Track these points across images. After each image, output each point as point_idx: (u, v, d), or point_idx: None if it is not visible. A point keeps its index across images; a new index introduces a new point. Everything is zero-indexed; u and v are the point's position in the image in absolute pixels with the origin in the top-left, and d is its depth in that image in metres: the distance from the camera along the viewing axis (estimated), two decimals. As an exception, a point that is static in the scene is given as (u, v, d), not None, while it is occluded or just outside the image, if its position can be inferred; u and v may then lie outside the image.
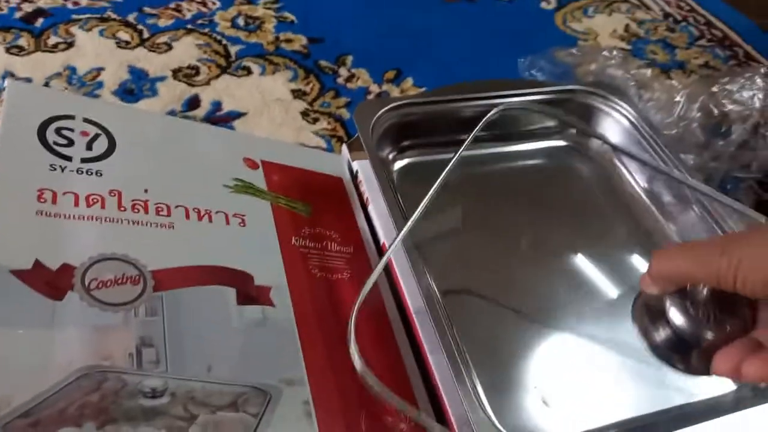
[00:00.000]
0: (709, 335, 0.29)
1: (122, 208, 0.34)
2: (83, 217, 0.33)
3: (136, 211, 0.35)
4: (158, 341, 0.30)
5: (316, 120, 0.58)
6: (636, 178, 0.45)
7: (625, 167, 0.45)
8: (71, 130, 0.37)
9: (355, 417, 0.33)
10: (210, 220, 0.37)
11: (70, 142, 0.36)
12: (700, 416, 0.32)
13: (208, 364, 0.31)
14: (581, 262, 0.41)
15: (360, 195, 0.46)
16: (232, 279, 0.35)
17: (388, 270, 0.41)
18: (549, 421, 0.33)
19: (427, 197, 0.35)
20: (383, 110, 0.40)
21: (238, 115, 0.57)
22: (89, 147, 0.36)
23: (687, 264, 0.27)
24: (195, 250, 0.35)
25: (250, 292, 0.35)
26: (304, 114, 0.58)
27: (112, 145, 0.37)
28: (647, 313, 0.32)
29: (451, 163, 0.37)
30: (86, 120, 0.38)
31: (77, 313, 0.29)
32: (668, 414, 0.33)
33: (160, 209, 0.36)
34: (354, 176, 0.47)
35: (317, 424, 0.31)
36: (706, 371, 0.28)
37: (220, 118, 0.56)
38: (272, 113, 0.58)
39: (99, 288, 0.31)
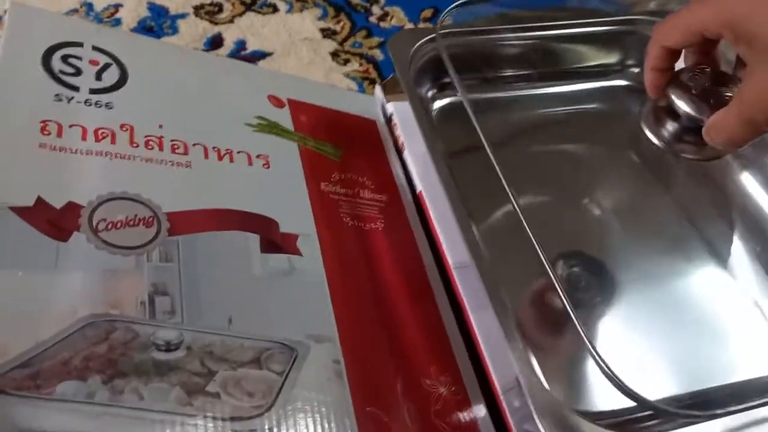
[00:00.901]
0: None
1: (135, 144, 0.31)
2: (91, 152, 0.30)
3: (149, 147, 0.31)
4: (173, 289, 0.27)
5: (347, 61, 0.53)
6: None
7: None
8: (79, 58, 0.33)
9: (391, 380, 0.29)
10: (231, 160, 0.34)
11: (78, 71, 0.33)
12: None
13: (228, 316, 0.28)
14: (642, 218, 0.36)
15: (395, 139, 0.42)
16: (255, 225, 0.31)
17: (425, 221, 0.37)
18: (604, 390, 0.29)
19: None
20: (422, 41, 0.36)
21: (264, 55, 0.53)
22: (99, 77, 0.33)
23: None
24: (214, 192, 0.32)
25: (274, 240, 0.31)
26: (334, 54, 0.54)
27: (124, 76, 0.34)
28: (655, 113, 0.33)
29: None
30: (96, 48, 0.34)
31: (83, 256, 0.26)
32: (728, 389, 0.29)
33: (176, 147, 0.32)
34: (388, 119, 0.42)
35: (349, 386, 0.28)
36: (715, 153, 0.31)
37: (245, 58, 0.52)
38: (300, 53, 0.53)
39: (108, 229, 0.27)
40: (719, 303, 0.34)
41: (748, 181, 0.38)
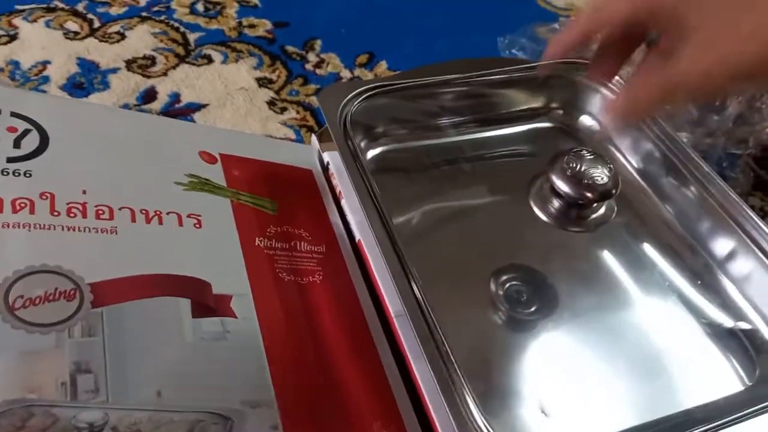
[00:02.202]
0: (588, 193, 0.35)
1: (55, 213, 0.30)
2: (8, 225, 0.29)
3: (72, 215, 0.30)
4: (97, 365, 0.26)
5: (284, 109, 0.53)
6: (629, 159, 0.41)
7: (617, 147, 0.42)
8: (-4, 126, 0.32)
9: (332, 440, 0.29)
10: (160, 222, 0.33)
11: (-6, 140, 0.32)
12: (708, 420, 0.28)
13: (157, 389, 0.26)
14: (578, 255, 0.37)
15: (332, 188, 0.41)
16: (186, 288, 0.31)
17: (365, 270, 0.37)
18: (549, 427, 0.30)
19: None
20: (351, 95, 0.36)
21: (199, 106, 0.52)
22: (17, 144, 0.32)
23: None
24: (142, 257, 0.31)
25: (207, 303, 0.31)
26: (271, 103, 0.54)
27: (44, 142, 0.33)
28: (540, 192, 0.38)
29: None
30: (14, 114, 0.33)
31: (-2, 338, 0.25)
32: (672, 420, 0.30)
33: (100, 212, 0.31)
34: (325, 168, 0.42)
35: (288, 452, 0.27)
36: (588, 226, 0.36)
37: (179, 111, 0.52)
38: (236, 104, 0.53)
39: (26, 306, 0.26)
40: (656, 321, 0.34)
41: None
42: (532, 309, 0.35)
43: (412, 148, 0.41)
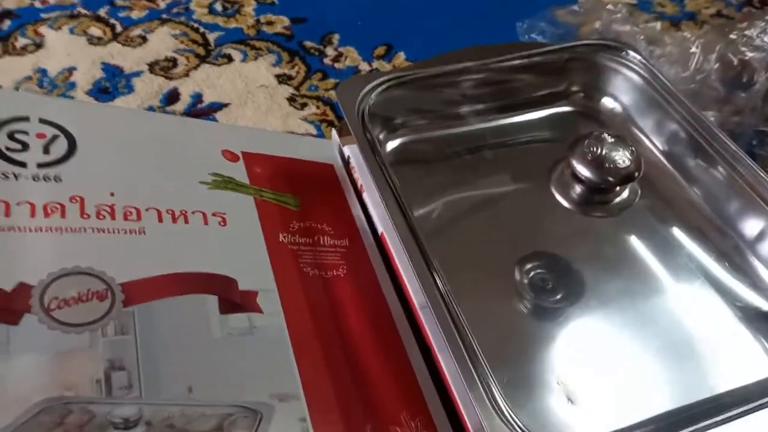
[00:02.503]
0: (610, 177, 0.35)
1: (85, 216, 0.31)
2: (41, 229, 0.29)
3: (101, 217, 0.31)
4: (130, 363, 0.27)
5: (304, 105, 0.54)
6: (654, 141, 0.40)
7: (640, 129, 0.41)
8: (26, 132, 0.33)
9: (360, 431, 0.29)
10: (186, 222, 0.33)
11: (25, 146, 0.33)
12: (739, 404, 0.28)
13: (188, 385, 0.27)
14: (603, 241, 0.37)
15: (354, 182, 0.42)
16: (213, 285, 0.31)
17: (389, 263, 0.37)
18: (576, 421, 0.30)
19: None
20: (368, 87, 0.36)
21: (221, 106, 0.53)
22: (46, 150, 0.33)
23: None
24: (169, 256, 0.31)
25: (234, 299, 0.31)
26: (291, 99, 0.54)
27: (72, 147, 0.34)
28: (561, 178, 0.38)
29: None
30: (42, 121, 0.34)
31: (35, 339, 0.26)
32: (704, 405, 0.29)
33: (128, 213, 0.32)
34: (346, 162, 0.43)
35: (317, 443, 0.28)
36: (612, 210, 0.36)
37: (202, 111, 0.53)
38: (257, 101, 0.54)
39: (60, 307, 0.27)
40: (687, 309, 0.34)
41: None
42: (558, 296, 0.35)
43: (431, 137, 0.41)
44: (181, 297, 0.30)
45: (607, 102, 0.42)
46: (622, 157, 0.34)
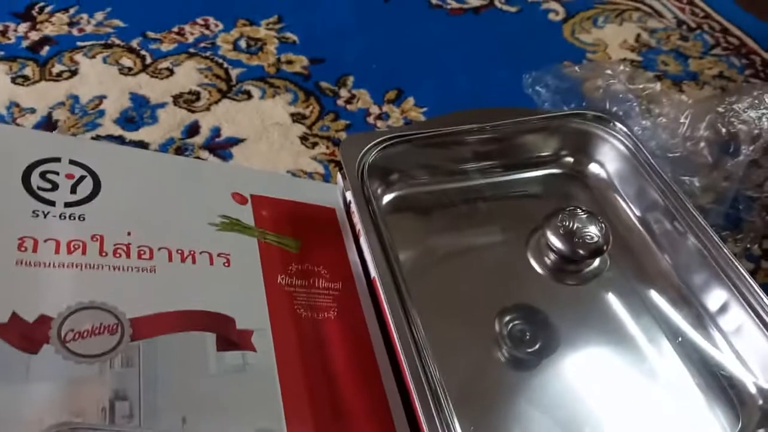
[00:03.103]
0: (580, 250, 0.38)
1: (104, 254, 0.35)
2: (63, 265, 0.33)
3: (117, 255, 0.35)
4: (133, 393, 0.30)
5: (314, 144, 0.57)
6: (632, 207, 0.43)
7: (621, 196, 0.44)
8: (56, 173, 0.37)
9: (335, 466, 0.32)
10: (194, 262, 0.37)
11: (55, 186, 0.36)
12: None
13: (182, 416, 0.30)
14: (572, 306, 0.40)
15: (353, 226, 0.45)
16: (213, 323, 0.34)
17: (379, 306, 0.40)
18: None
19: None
20: (369, 145, 0.40)
21: (237, 141, 0.57)
22: (74, 190, 0.37)
23: None
24: (176, 294, 0.35)
25: (231, 337, 0.35)
26: (303, 138, 0.58)
27: (97, 187, 0.37)
28: (537, 245, 0.41)
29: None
30: (72, 162, 0.38)
31: (52, 367, 0.29)
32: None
33: (142, 252, 0.36)
34: (348, 206, 0.46)
35: (294, 476, 0.31)
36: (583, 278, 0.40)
37: (219, 145, 0.56)
38: (271, 138, 0.57)
39: (75, 339, 0.31)
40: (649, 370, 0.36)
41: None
42: (530, 352, 0.37)
43: (426, 191, 0.44)
44: (183, 333, 0.34)
45: (594, 168, 0.45)
46: (591, 233, 0.37)
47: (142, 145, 0.55)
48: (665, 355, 0.37)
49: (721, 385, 0.36)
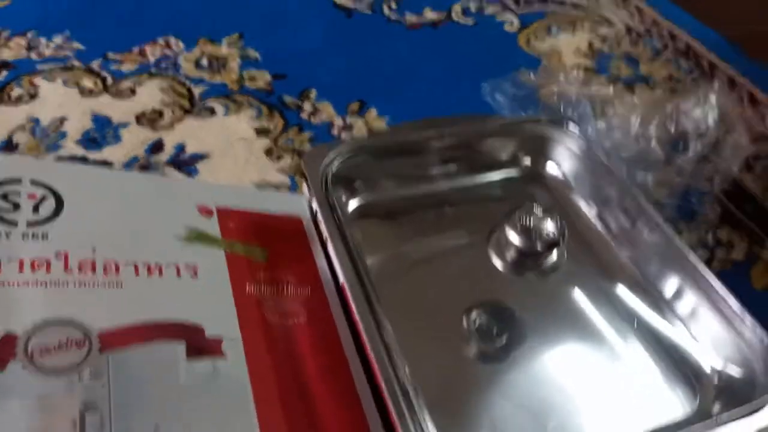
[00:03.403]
0: (538, 245, 0.40)
1: (68, 270, 0.35)
2: (27, 283, 0.33)
3: (83, 272, 0.35)
4: (103, 405, 0.30)
5: (279, 157, 0.58)
6: (589, 204, 0.45)
7: (577, 194, 0.45)
8: (18, 194, 0.37)
9: (310, 470, 0.32)
10: (161, 274, 0.37)
11: (16, 207, 0.36)
12: None
13: (154, 425, 0.30)
14: (534, 298, 0.41)
15: (320, 234, 0.46)
16: (182, 333, 0.35)
17: (348, 311, 0.41)
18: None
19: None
20: (331, 156, 0.41)
21: (202, 157, 0.57)
22: (36, 209, 0.37)
23: None
24: (144, 306, 0.35)
25: (200, 345, 0.35)
26: (268, 152, 0.58)
27: (59, 206, 0.37)
28: (497, 241, 0.42)
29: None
30: (33, 182, 0.38)
31: (19, 384, 0.29)
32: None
33: (108, 268, 0.36)
34: (314, 215, 0.47)
35: (268, 481, 0.31)
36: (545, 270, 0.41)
37: (184, 161, 0.56)
38: (236, 153, 0.58)
39: (42, 355, 0.31)
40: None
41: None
42: (499, 345, 0.38)
43: (390, 196, 0.45)
44: (151, 344, 0.34)
45: (551, 169, 0.47)
46: (548, 228, 0.38)
47: (106, 164, 0.55)
48: (626, 341, 0.38)
49: (679, 367, 0.37)
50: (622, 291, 0.40)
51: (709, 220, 0.56)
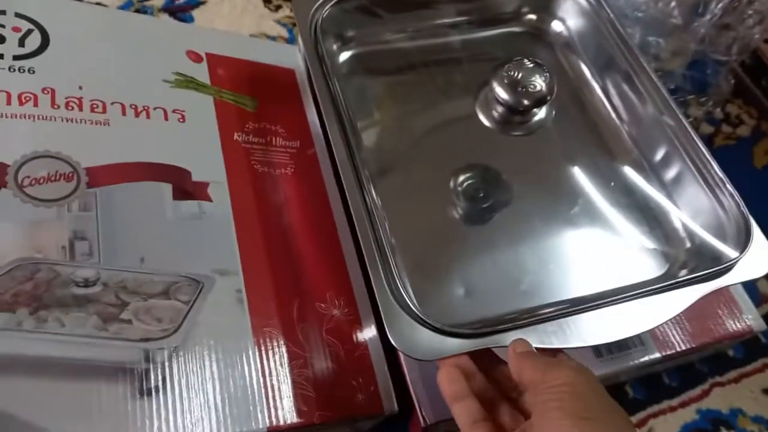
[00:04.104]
0: (525, 100, 0.38)
1: (56, 106, 0.35)
2: (15, 116, 0.34)
3: (70, 108, 0.35)
4: (91, 235, 0.32)
5: (278, 7, 0.56)
6: (591, 67, 0.43)
7: (580, 55, 0.43)
8: (2, 26, 0.36)
9: (288, 303, 0.35)
10: (148, 117, 0.37)
11: (2, 39, 0.36)
12: (617, 297, 0.32)
13: (141, 256, 0.32)
14: (524, 149, 0.40)
15: (312, 87, 0.45)
16: (168, 175, 0.36)
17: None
18: (465, 308, 0.34)
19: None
20: (322, 0, 0.39)
21: (198, 3, 0.55)
22: (22, 43, 0.36)
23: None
24: (131, 146, 0.36)
25: (186, 188, 0.36)
26: (266, 1, 0.56)
27: (45, 41, 0.37)
28: (485, 100, 0.40)
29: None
30: (18, 15, 0.37)
31: (10, 209, 0.31)
32: (585, 299, 0.34)
33: (95, 106, 0.36)
34: (308, 68, 0.46)
35: (248, 309, 0.33)
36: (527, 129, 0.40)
37: (179, 7, 0.55)
38: (233, 1, 0.56)
39: (32, 185, 0.32)
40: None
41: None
42: (484, 206, 0.39)
43: (384, 50, 0.43)
44: (139, 183, 0.35)
45: (556, 26, 0.44)
46: (536, 82, 0.37)
47: (100, 5, 0.53)
48: (607, 203, 0.38)
49: (654, 230, 0.38)
50: (609, 154, 0.40)
51: (721, 92, 0.54)
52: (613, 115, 0.42)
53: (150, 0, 0.54)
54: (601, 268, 0.37)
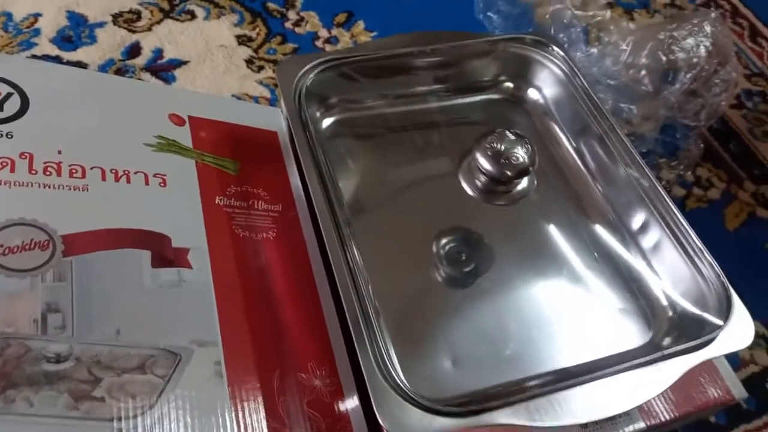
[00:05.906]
0: (508, 171, 0.39)
1: (33, 171, 0.34)
2: (-9, 182, 0.33)
3: (48, 174, 0.35)
4: (65, 306, 0.31)
5: (260, 68, 0.56)
6: (567, 133, 0.44)
7: (557, 121, 0.45)
8: (-19, 90, 0.36)
9: (269, 375, 0.34)
10: (128, 181, 0.37)
11: (-20, 103, 0.35)
12: (606, 371, 0.32)
13: (116, 328, 0.31)
14: (507, 219, 0.41)
15: (295, 149, 0.45)
16: (147, 241, 0.35)
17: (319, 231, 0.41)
18: (452, 379, 0.34)
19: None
20: (307, 67, 0.39)
21: (180, 63, 0.55)
22: (0, 108, 0.36)
23: None
24: (109, 212, 0.35)
25: (166, 255, 0.35)
26: (249, 62, 0.57)
27: (25, 105, 0.37)
28: (468, 169, 0.41)
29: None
30: (-2, 79, 0.37)
31: (-19, 281, 0.30)
32: (571, 371, 0.34)
33: (74, 171, 0.35)
34: (290, 130, 0.46)
35: (227, 382, 0.32)
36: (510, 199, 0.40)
37: (161, 67, 0.55)
38: (215, 61, 0.56)
39: (5, 254, 0.31)
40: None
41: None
42: (466, 270, 0.39)
43: (366, 116, 0.44)
44: (117, 251, 0.34)
45: (532, 93, 0.46)
46: (518, 153, 0.38)
47: (81, 65, 0.53)
48: (588, 272, 0.39)
49: (636, 299, 0.38)
50: (589, 222, 0.40)
51: (691, 156, 0.56)
52: (590, 179, 0.43)
53: (132, 59, 0.55)
54: (585, 336, 0.37)
